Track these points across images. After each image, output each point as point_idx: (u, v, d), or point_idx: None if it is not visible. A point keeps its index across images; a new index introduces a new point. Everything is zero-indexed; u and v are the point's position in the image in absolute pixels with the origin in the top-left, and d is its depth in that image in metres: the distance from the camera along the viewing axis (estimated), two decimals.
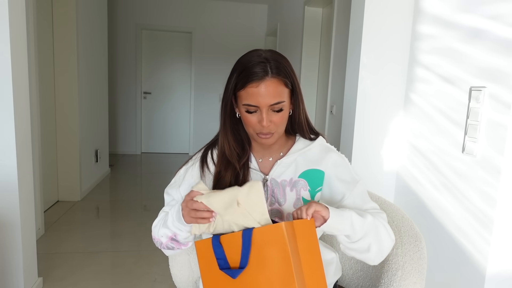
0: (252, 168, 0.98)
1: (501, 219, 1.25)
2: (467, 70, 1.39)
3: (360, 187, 0.97)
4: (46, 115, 3.18)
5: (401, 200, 1.83)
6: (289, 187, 0.96)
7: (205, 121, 5.99)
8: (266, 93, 0.87)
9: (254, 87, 0.87)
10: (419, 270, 0.95)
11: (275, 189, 0.96)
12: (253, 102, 0.88)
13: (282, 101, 0.89)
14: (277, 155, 1.01)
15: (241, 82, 0.88)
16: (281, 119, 0.92)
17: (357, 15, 1.80)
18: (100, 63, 4.14)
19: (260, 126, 0.90)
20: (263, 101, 0.87)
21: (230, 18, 5.83)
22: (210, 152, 1.03)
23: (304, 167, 0.98)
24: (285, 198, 0.96)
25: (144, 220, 3.15)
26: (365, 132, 1.81)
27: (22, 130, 1.81)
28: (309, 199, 0.95)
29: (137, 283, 2.15)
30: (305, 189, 0.96)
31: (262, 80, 0.87)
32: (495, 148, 1.25)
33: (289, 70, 0.91)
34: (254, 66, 0.87)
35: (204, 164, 1.01)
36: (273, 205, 0.96)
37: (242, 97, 0.90)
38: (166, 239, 0.95)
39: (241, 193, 0.80)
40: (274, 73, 0.88)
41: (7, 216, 1.77)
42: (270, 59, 0.89)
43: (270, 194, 0.96)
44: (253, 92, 0.87)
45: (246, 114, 0.91)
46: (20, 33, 1.77)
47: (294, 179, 0.97)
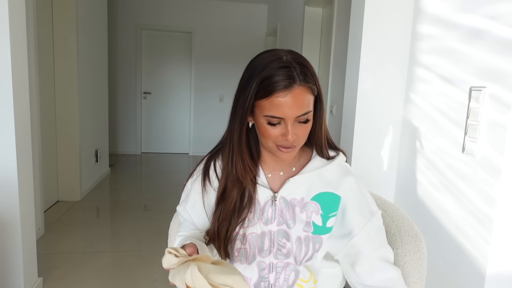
0: (260, 184, 0.88)
1: (501, 219, 1.25)
2: (467, 70, 1.39)
3: (376, 221, 0.88)
4: (46, 115, 3.18)
5: (401, 200, 1.82)
6: (299, 208, 0.87)
7: (205, 121, 5.99)
8: (294, 103, 0.76)
9: (281, 97, 0.75)
10: (419, 270, 0.95)
11: (284, 209, 0.87)
12: (278, 114, 0.77)
13: (309, 111, 0.79)
14: (288, 169, 0.91)
15: (263, 90, 0.76)
16: (305, 131, 0.82)
17: (357, 15, 1.80)
18: (100, 63, 4.14)
19: (283, 139, 0.80)
20: (290, 113, 0.77)
21: (230, 18, 5.83)
22: (213, 164, 0.93)
23: (318, 189, 0.88)
24: (294, 220, 0.87)
25: (144, 220, 3.16)
26: (365, 132, 1.81)
27: (22, 130, 1.81)
28: (320, 225, 0.87)
29: (137, 283, 2.15)
30: (317, 213, 0.87)
31: (290, 89, 0.75)
32: (495, 148, 1.25)
33: (314, 74, 0.80)
34: (278, 71, 0.76)
35: (206, 178, 0.92)
36: (280, 226, 0.88)
37: (265, 107, 0.78)
38: None
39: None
40: (302, 80, 0.76)
41: (7, 216, 1.77)
42: (294, 63, 0.77)
43: (279, 214, 0.87)
44: (279, 103, 0.76)
45: (267, 126, 0.80)
46: (20, 33, 1.77)
47: (306, 200, 0.88)
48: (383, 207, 1.13)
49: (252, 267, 0.89)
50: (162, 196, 3.88)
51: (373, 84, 1.78)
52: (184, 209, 0.95)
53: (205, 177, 0.92)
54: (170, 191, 4.05)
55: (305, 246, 0.87)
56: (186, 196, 0.97)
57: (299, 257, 0.88)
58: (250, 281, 0.90)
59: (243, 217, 0.86)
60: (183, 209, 0.95)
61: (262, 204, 0.88)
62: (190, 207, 0.94)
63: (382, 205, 1.14)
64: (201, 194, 0.92)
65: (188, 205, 0.94)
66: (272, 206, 0.87)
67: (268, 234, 0.88)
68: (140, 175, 4.88)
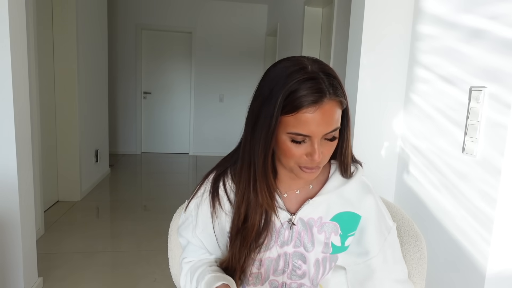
0: (276, 206, 0.81)
1: (501, 219, 1.25)
2: (467, 70, 1.39)
3: (391, 238, 0.84)
4: (46, 115, 3.18)
5: (401, 200, 1.82)
6: (317, 228, 0.82)
7: (205, 121, 5.99)
8: (323, 120, 0.68)
9: (309, 113, 0.67)
10: (419, 270, 0.95)
11: (302, 231, 0.81)
12: (305, 131, 0.68)
13: (338, 127, 0.72)
14: (306, 187, 0.84)
15: (289, 105, 0.67)
16: (331, 149, 0.74)
17: (357, 15, 1.80)
18: (100, 63, 4.14)
19: (308, 159, 0.72)
20: (318, 130, 0.69)
21: (230, 18, 5.83)
22: (223, 185, 0.83)
23: (338, 208, 0.82)
24: (313, 242, 0.82)
25: (144, 220, 3.16)
26: (365, 132, 1.81)
27: (22, 130, 1.81)
28: (339, 245, 0.83)
29: (137, 283, 2.15)
30: (336, 233, 0.82)
31: (320, 104, 0.67)
32: (495, 148, 1.25)
33: (342, 85, 0.72)
34: (305, 84, 0.67)
35: (216, 201, 0.83)
36: (297, 248, 0.82)
37: (289, 123, 0.69)
38: None
39: None
40: (332, 93, 0.68)
41: (7, 216, 1.77)
42: (321, 74, 0.69)
43: (296, 237, 0.81)
44: (306, 119, 0.67)
45: (290, 145, 0.71)
46: (20, 33, 1.77)
47: (324, 220, 0.82)
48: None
49: (265, 286, 0.86)
50: (162, 196, 3.88)
51: (373, 84, 1.78)
52: (193, 235, 0.87)
53: (215, 199, 0.83)
54: (170, 191, 4.05)
55: (323, 267, 0.84)
56: (191, 219, 0.87)
57: (316, 278, 0.85)
58: None
59: (261, 243, 0.80)
60: (191, 235, 0.87)
61: (278, 226, 0.81)
62: (199, 232, 0.86)
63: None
64: (211, 219, 0.84)
65: (197, 231, 0.86)
66: (290, 229, 0.81)
67: (283, 255, 0.83)
68: (140, 175, 4.88)
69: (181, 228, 0.90)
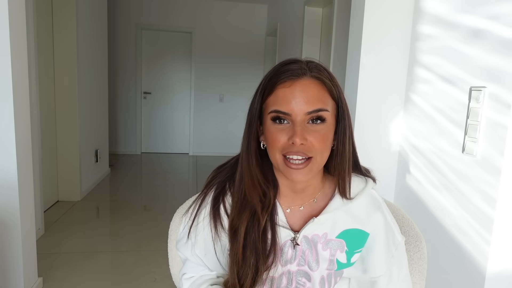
0: (278, 224, 0.75)
1: (501, 219, 1.25)
2: (467, 70, 1.39)
3: (399, 253, 0.79)
4: (46, 115, 3.18)
5: (401, 200, 1.83)
6: (322, 245, 0.76)
7: (205, 121, 5.99)
8: (301, 96, 0.65)
9: (286, 87, 0.65)
10: (420, 270, 0.95)
11: (307, 250, 0.75)
12: (283, 108, 0.65)
13: (323, 108, 0.66)
14: (310, 203, 0.78)
15: (269, 84, 0.67)
16: (319, 139, 0.67)
17: (357, 15, 1.80)
18: (100, 63, 4.14)
19: (290, 144, 0.66)
20: (297, 107, 0.64)
21: (230, 18, 5.83)
22: (223, 203, 0.78)
23: (344, 225, 0.76)
24: (318, 261, 0.76)
25: (144, 220, 3.15)
26: (365, 132, 1.81)
27: (22, 130, 1.81)
28: (345, 262, 0.78)
29: (137, 283, 2.15)
30: (341, 250, 0.77)
31: (298, 79, 0.65)
32: (495, 148, 1.25)
33: (333, 76, 0.70)
34: (287, 65, 0.67)
35: (218, 221, 0.77)
36: (301, 266, 0.77)
37: (269, 103, 0.68)
38: None
39: None
40: (315, 72, 0.67)
41: (7, 216, 1.77)
42: (305, 61, 0.69)
43: (300, 255, 0.76)
44: (283, 94, 0.65)
45: (273, 129, 0.67)
46: (20, 33, 1.77)
47: (329, 236, 0.76)
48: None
49: None
50: (162, 196, 3.88)
51: (373, 84, 1.78)
52: (192, 254, 0.82)
53: (216, 220, 0.77)
54: (170, 191, 4.05)
55: (328, 283, 0.80)
56: (189, 238, 0.82)
57: None
58: None
59: (269, 264, 0.74)
60: (191, 253, 0.82)
61: (281, 245, 0.76)
62: (200, 252, 0.81)
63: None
64: (212, 241, 0.78)
65: (197, 251, 0.81)
66: (293, 248, 0.75)
67: (286, 273, 0.77)
68: (140, 175, 4.88)
69: (179, 245, 0.84)
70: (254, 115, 0.70)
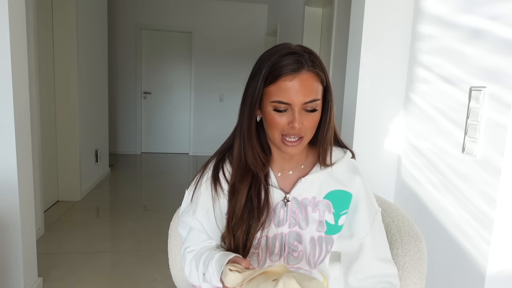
0: (271, 185, 0.86)
1: (501, 219, 1.25)
2: (467, 70, 1.39)
3: (379, 219, 0.90)
4: (46, 115, 3.18)
5: (401, 200, 1.83)
6: (311, 207, 0.86)
7: (205, 121, 5.99)
8: (301, 88, 0.75)
9: (288, 81, 0.75)
10: (419, 270, 0.95)
11: (297, 210, 0.86)
12: (285, 99, 0.76)
13: (317, 99, 0.78)
14: (297, 168, 0.90)
15: (272, 75, 0.76)
16: (312, 122, 0.80)
17: (357, 15, 1.80)
18: (100, 63, 4.14)
19: (289, 127, 0.78)
20: (297, 98, 0.76)
21: (230, 18, 5.83)
22: (222, 169, 0.89)
23: (330, 187, 0.87)
24: (307, 221, 0.86)
25: (144, 220, 3.16)
26: (365, 132, 1.81)
27: (22, 130, 1.81)
28: (333, 223, 0.87)
29: (137, 283, 2.15)
30: (329, 211, 0.87)
31: (297, 73, 0.75)
32: (495, 148, 1.25)
33: (323, 64, 0.80)
34: (287, 57, 0.76)
35: (218, 183, 0.88)
36: (292, 227, 0.86)
37: (272, 93, 0.77)
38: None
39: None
40: (310, 66, 0.76)
41: (7, 216, 1.77)
42: (302, 51, 0.78)
43: (290, 216, 0.86)
44: (286, 87, 0.75)
45: (274, 114, 0.78)
46: (20, 33, 1.77)
47: (317, 199, 0.87)
48: (383, 207, 1.13)
49: None
50: (162, 196, 3.88)
51: (373, 84, 1.78)
52: (193, 218, 0.90)
53: (216, 183, 0.88)
54: (170, 191, 4.05)
55: (319, 247, 0.86)
56: (191, 204, 0.91)
57: (313, 259, 0.87)
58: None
59: (263, 220, 0.83)
60: (192, 219, 0.90)
61: (273, 206, 0.86)
62: (200, 214, 0.89)
63: (382, 205, 1.14)
64: (212, 202, 0.88)
65: (197, 213, 0.89)
66: (284, 207, 0.86)
67: (279, 236, 0.86)
68: (140, 175, 4.88)
69: (182, 215, 0.92)
70: (256, 100, 0.79)
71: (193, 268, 0.88)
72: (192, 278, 0.89)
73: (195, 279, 0.87)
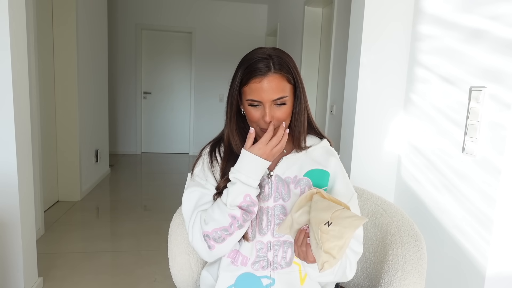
0: None
1: (501, 219, 1.25)
2: (467, 70, 1.39)
3: (355, 201, 0.98)
4: (46, 115, 3.18)
5: (401, 200, 1.83)
6: (293, 184, 0.97)
7: (205, 121, 5.99)
8: (268, 88, 0.89)
9: (257, 83, 0.89)
10: (419, 270, 0.95)
11: (279, 185, 0.97)
12: (256, 97, 0.90)
13: (284, 96, 0.91)
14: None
15: (245, 78, 0.91)
16: (284, 114, 0.93)
17: (357, 15, 1.80)
18: (100, 63, 4.14)
19: (263, 121, 0.91)
20: (266, 97, 0.89)
21: (230, 18, 5.83)
22: (217, 148, 1.03)
23: (309, 166, 0.98)
24: (289, 194, 0.96)
25: (144, 220, 3.15)
26: (365, 132, 1.81)
27: (22, 130, 1.81)
28: None
29: (137, 283, 2.15)
30: (309, 187, 0.96)
31: (265, 76, 0.89)
32: (495, 148, 1.25)
33: (292, 66, 0.93)
34: (258, 62, 0.90)
35: (213, 157, 1.01)
36: (277, 201, 0.96)
37: (246, 92, 0.91)
38: (235, 217, 0.89)
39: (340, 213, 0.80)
40: (277, 69, 0.90)
41: (7, 216, 1.77)
42: (273, 55, 0.91)
43: (275, 190, 0.96)
44: (256, 88, 0.89)
45: (250, 109, 0.92)
46: (20, 33, 1.77)
47: (298, 177, 0.97)
48: (383, 207, 1.13)
49: (251, 247, 0.96)
50: (162, 196, 3.88)
51: (373, 84, 1.78)
52: (192, 179, 1.01)
53: (212, 158, 1.01)
54: (170, 191, 4.05)
55: None
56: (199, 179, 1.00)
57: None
58: (249, 261, 0.96)
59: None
60: (191, 179, 1.02)
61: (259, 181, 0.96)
62: (201, 180, 1.00)
63: (382, 205, 1.14)
64: (210, 170, 1.00)
65: (198, 178, 1.00)
66: (269, 183, 0.97)
67: (266, 210, 0.96)
68: (140, 175, 4.88)
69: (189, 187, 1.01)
70: (234, 98, 0.95)
71: (200, 217, 0.93)
72: (208, 225, 0.91)
73: (212, 222, 0.91)
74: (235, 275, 0.96)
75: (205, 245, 0.91)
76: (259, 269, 0.95)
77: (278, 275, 0.94)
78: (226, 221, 0.89)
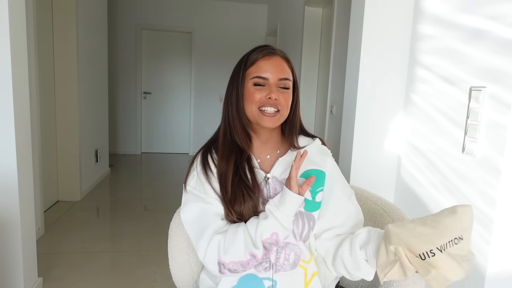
0: (254, 166, 0.98)
1: (501, 219, 1.25)
2: (467, 70, 1.39)
3: (354, 200, 0.98)
4: (46, 115, 3.18)
5: (401, 200, 1.83)
6: None
7: (205, 121, 5.99)
8: (276, 66, 0.93)
9: (266, 60, 0.93)
10: None
11: (277, 186, 0.96)
12: (263, 74, 0.92)
13: (289, 78, 0.95)
14: (274, 153, 1.02)
15: (253, 58, 0.94)
16: (286, 100, 0.95)
17: (357, 15, 1.80)
18: (100, 63, 4.14)
19: (266, 99, 0.92)
20: (273, 74, 0.93)
21: (230, 18, 5.83)
22: (210, 156, 1.00)
23: (304, 167, 0.97)
24: None
25: (144, 220, 3.15)
26: (365, 132, 1.81)
27: (22, 130, 1.81)
28: (310, 199, 0.95)
29: (137, 283, 2.15)
30: None
31: (272, 56, 0.94)
32: (495, 148, 1.25)
33: (293, 66, 0.99)
34: (265, 47, 0.96)
35: (207, 166, 0.97)
36: None
37: (252, 71, 0.94)
38: (256, 256, 0.87)
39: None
40: (283, 54, 0.96)
41: (7, 216, 1.77)
42: (277, 50, 0.97)
43: (273, 192, 0.96)
44: (263, 65, 0.93)
45: (253, 89, 0.93)
46: (20, 33, 1.77)
47: None
48: (383, 207, 1.13)
49: None
50: (162, 196, 3.88)
51: (373, 84, 1.78)
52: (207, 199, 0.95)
53: (206, 167, 0.98)
54: (170, 191, 4.05)
55: (301, 220, 0.93)
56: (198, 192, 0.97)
57: (297, 230, 0.93)
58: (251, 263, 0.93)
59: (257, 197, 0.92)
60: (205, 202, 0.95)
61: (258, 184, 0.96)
62: (200, 193, 0.96)
63: (382, 205, 1.14)
64: (208, 181, 0.96)
65: (196, 192, 0.97)
66: (266, 185, 0.96)
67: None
68: (140, 175, 4.88)
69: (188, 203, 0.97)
70: (240, 80, 0.95)
71: (236, 244, 0.88)
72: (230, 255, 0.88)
73: (232, 252, 0.87)
74: (238, 277, 0.94)
75: (217, 268, 0.89)
76: (261, 271, 0.93)
77: (281, 277, 0.93)
78: (245, 257, 0.87)
